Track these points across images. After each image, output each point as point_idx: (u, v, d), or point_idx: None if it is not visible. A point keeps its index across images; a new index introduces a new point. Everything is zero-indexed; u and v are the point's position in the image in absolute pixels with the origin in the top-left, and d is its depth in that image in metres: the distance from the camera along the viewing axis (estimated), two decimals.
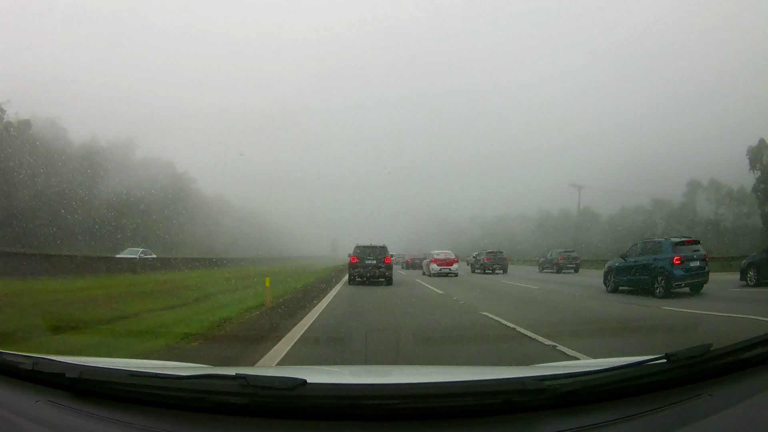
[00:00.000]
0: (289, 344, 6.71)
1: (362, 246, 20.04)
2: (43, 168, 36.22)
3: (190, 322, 8.19)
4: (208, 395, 1.68)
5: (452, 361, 5.87)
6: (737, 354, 1.73)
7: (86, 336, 6.90)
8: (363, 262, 19.42)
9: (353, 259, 19.73)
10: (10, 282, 13.61)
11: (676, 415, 1.59)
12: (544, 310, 11.78)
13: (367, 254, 19.59)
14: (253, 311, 9.90)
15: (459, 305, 12.55)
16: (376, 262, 19.33)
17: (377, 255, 19.56)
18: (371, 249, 19.86)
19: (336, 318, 9.76)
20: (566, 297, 15.05)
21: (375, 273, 19.25)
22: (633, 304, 12.30)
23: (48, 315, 8.18)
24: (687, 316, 9.76)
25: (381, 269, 19.29)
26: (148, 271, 24.14)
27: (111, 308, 9.54)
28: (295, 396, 1.60)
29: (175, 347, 6.31)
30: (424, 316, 10.36)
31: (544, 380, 1.66)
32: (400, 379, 2.46)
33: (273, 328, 7.98)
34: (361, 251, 19.82)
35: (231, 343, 7.07)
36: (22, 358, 1.95)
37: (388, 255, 19.88)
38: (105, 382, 1.81)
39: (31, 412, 1.74)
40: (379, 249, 19.88)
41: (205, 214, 55.46)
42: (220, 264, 34.46)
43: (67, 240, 34.15)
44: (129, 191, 43.35)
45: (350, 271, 19.76)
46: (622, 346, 7.00)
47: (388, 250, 20.22)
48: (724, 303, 11.67)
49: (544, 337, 7.05)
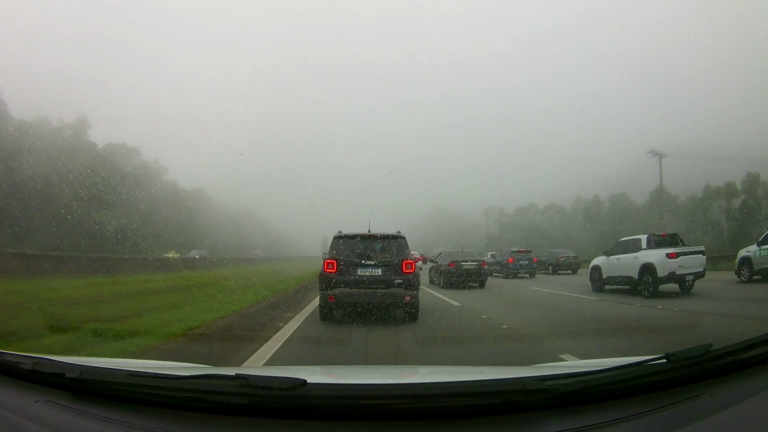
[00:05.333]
0: None
1: (348, 237, 9.71)
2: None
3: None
4: (208, 395, 1.69)
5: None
6: (737, 354, 1.73)
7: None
8: (351, 273, 9.21)
9: (329, 265, 9.24)
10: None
11: (676, 415, 1.59)
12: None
13: (359, 255, 9.41)
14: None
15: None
16: (381, 274, 9.20)
17: (385, 256, 9.42)
18: (369, 243, 9.63)
19: None
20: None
21: (379, 298, 9.05)
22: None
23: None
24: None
25: (394, 289, 9.03)
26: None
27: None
28: (295, 396, 1.60)
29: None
30: None
31: (544, 380, 1.66)
32: (400, 379, 2.47)
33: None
34: (345, 248, 9.53)
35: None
36: (22, 358, 1.95)
37: (408, 256, 9.54)
38: (105, 382, 1.81)
39: (31, 412, 1.74)
40: (389, 243, 9.61)
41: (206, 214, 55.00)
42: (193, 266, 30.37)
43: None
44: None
45: (322, 292, 9.19)
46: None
47: (408, 245, 9.79)
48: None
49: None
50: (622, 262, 14.15)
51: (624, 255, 14.27)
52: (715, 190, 44.35)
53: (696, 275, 13.04)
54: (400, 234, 9.77)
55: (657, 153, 37.25)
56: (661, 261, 12.81)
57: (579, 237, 44.06)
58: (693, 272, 12.96)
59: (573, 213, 56.97)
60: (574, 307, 11.64)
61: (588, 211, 54.13)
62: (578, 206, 56.62)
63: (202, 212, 56.03)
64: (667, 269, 12.73)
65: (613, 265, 14.62)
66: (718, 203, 44.31)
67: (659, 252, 13.10)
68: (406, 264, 9.29)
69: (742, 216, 39.92)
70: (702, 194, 45.10)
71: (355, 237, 9.67)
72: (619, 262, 14.39)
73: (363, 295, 9.01)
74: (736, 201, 42.63)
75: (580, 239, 40.49)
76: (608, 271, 14.81)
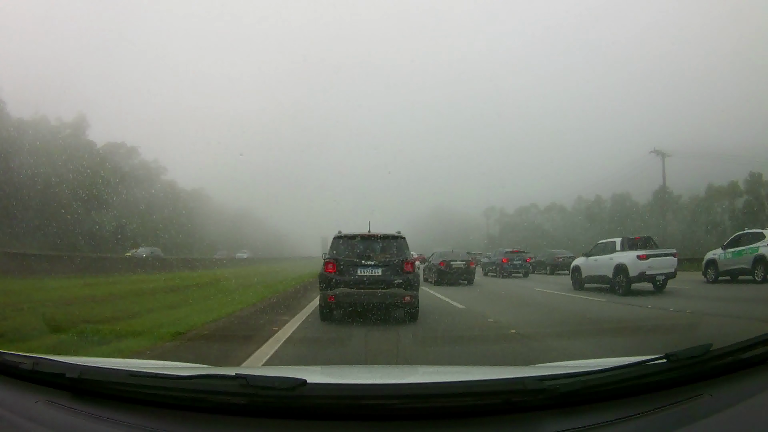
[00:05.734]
0: None
1: (348, 237, 9.76)
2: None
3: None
4: (208, 395, 1.69)
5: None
6: (737, 354, 1.73)
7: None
8: (352, 273, 9.30)
9: (329, 265, 9.37)
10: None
11: (676, 415, 1.59)
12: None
13: (360, 255, 9.51)
14: None
15: None
16: (381, 274, 9.29)
17: (385, 257, 9.50)
18: (369, 243, 9.69)
19: None
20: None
21: (379, 298, 9.06)
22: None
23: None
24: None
25: (394, 289, 9.10)
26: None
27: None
28: (295, 396, 1.60)
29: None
30: None
31: (544, 380, 1.66)
32: (400, 379, 2.47)
33: None
34: (345, 248, 9.61)
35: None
36: (22, 358, 1.95)
37: (408, 257, 9.65)
38: (105, 382, 1.81)
39: (31, 412, 1.74)
40: (389, 243, 9.69)
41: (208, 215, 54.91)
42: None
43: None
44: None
45: (322, 292, 9.29)
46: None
47: (408, 245, 9.90)
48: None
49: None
50: (599, 263, 15.37)
51: (601, 256, 15.51)
52: (718, 189, 44.03)
53: (667, 275, 14.14)
54: (400, 234, 9.83)
55: (660, 152, 37.16)
56: (633, 262, 13.98)
57: (580, 237, 43.82)
58: (663, 273, 14.08)
59: (574, 213, 57.03)
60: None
61: (590, 211, 53.94)
62: (580, 206, 56.58)
63: (202, 212, 55.88)
64: (637, 269, 13.89)
65: (591, 266, 15.87)
66: (720, 203, 43.97)
67: (631, 254, 14.23)
68: (406, 264, 9.38)
69: (745, 216, 39.63)
70: (705, 194, 44.72)
71: (355, 237, 9.71)
72: (596, 262, 15.61)
73: (363, 295, 9.06)
74: (739, 201, 42.47)
75: (581, 239, 40.19)
76: (587, 270, 16.06)
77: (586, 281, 16.06)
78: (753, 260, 15.39)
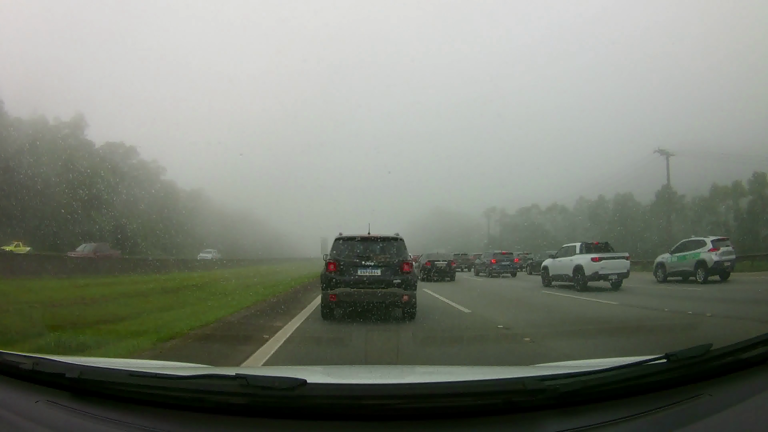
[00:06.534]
0: None
1: (349, 239, 10.12)
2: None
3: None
4: (208, 395, 1.68)
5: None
6: (737, 354, 1.73)
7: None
8: (352, 273, 9.64)
9: (330, 266, 9.73)
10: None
11: (676, 415, 1.59)
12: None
13: (360, 256, 9.84)
14: None
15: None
16: (381, 274, 9.62)
17: (384, 257, 9.81)
18: (369, 244, 10.01)
19: None
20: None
21: (379, 297, 9.46)
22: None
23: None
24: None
25: (393, 289, 9.43)
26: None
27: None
28: (296, 396, 1.60)
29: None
30: None
31: (544, 380, 1.67)
32: (400, 379, 2.47)
33: None
34: (346, 250, 9.97)
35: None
36: (22, 358, 1.95)
37: (406, 257, 10.04)
38: (105, 382, 1.81)
39: (31, 412, 1.74)
40: (388, 244, 10.00)
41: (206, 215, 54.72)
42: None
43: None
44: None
45: (324, 291, 9.64)
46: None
47: (405, 246, 10.26)
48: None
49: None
50: (563, 264, 17.84)
51: (564, 258, 17.95)
52: (722, 189, 43.82)
53: (620, 275, 16.17)
54: (398, 236, 10.18)
55: (664, 152, 36.55)
56: (588, 263, 16.35)
57: (581, 238, 43.20)
58: (616, 273, 16.13)
59: (576, 214, 56.83)
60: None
61: (592, 211, 53.79)
62: (582, 207, 56.46)
63: (201, 212, 55.68)
64: (591, 270, 16.21)
65: (557, 266, 18.33)
66: (725, 203, 43.81)
67: (587, 256, 16.60)
68: (405, 265, 9.74)
69: (750, 216, 39.65)
70: (709, 194, 44.46)
71: (356, 239, 10.07)
72: (560, 263, 18.08)
73: (363, 294, 9.42)
74: (743, 201, 42.33)
75: (582, 240, 39.86)
76: (553, 270, 18.57)
77: (552, 279, 18.46)
78: (695, 264, 17.96)
